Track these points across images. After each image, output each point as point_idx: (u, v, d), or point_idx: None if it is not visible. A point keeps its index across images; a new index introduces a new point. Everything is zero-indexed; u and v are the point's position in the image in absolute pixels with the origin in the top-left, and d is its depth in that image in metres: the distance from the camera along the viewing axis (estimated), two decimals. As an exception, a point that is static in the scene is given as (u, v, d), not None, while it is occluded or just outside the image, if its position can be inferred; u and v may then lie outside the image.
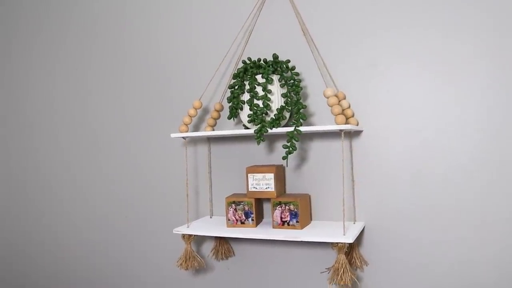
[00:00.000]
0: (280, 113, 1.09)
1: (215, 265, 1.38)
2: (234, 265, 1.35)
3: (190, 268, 1.25)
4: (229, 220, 1.19)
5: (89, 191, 1.59)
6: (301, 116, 1.06)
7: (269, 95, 1.11)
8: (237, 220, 1.19)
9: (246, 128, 1.19)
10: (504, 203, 1.03)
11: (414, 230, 1.12)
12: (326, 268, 1.10)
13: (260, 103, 1.10)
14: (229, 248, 1.34)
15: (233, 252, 1.35)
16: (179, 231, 1.21)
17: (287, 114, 1.14)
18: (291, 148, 1.06)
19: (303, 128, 1.04)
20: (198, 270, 1.40)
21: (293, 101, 1.09)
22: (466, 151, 1.07)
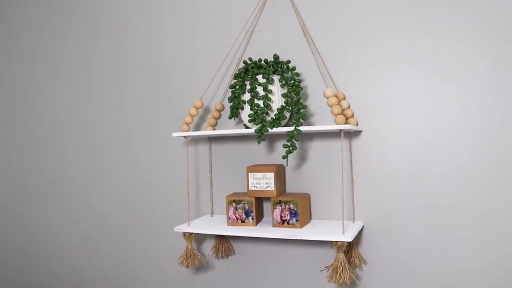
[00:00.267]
0: (281, 113, 1.10)
1: (216, 263, 1.39)
2: (234, 264, 1.36)
3: (191, 266, 1.26)
4: (230, 219, 1.20)
5: (91, 190, 1.61)
6: (301, 116, 1.07)
7: (270, 95, 1.11)
8: (238, 219, 1.19)
9: (247, 128, 1.20)
10: (504, 203, 1.03)
11: (414, 230, 1.12)
12: (325, 267, 1.11)
13: (261, 103, 1.11)
14: (229, 247, 1.35)
15: (233, 251, 1.36)
16: (180, 229, 1.22)
17: (288, 114, 1.15)
18: (291, 148, 1.07)
19: (303, 128, 1.05)
20: (199, 268, 1.41)
21: (294, 101, 1.10)
22: (466, 151, 1.07)
